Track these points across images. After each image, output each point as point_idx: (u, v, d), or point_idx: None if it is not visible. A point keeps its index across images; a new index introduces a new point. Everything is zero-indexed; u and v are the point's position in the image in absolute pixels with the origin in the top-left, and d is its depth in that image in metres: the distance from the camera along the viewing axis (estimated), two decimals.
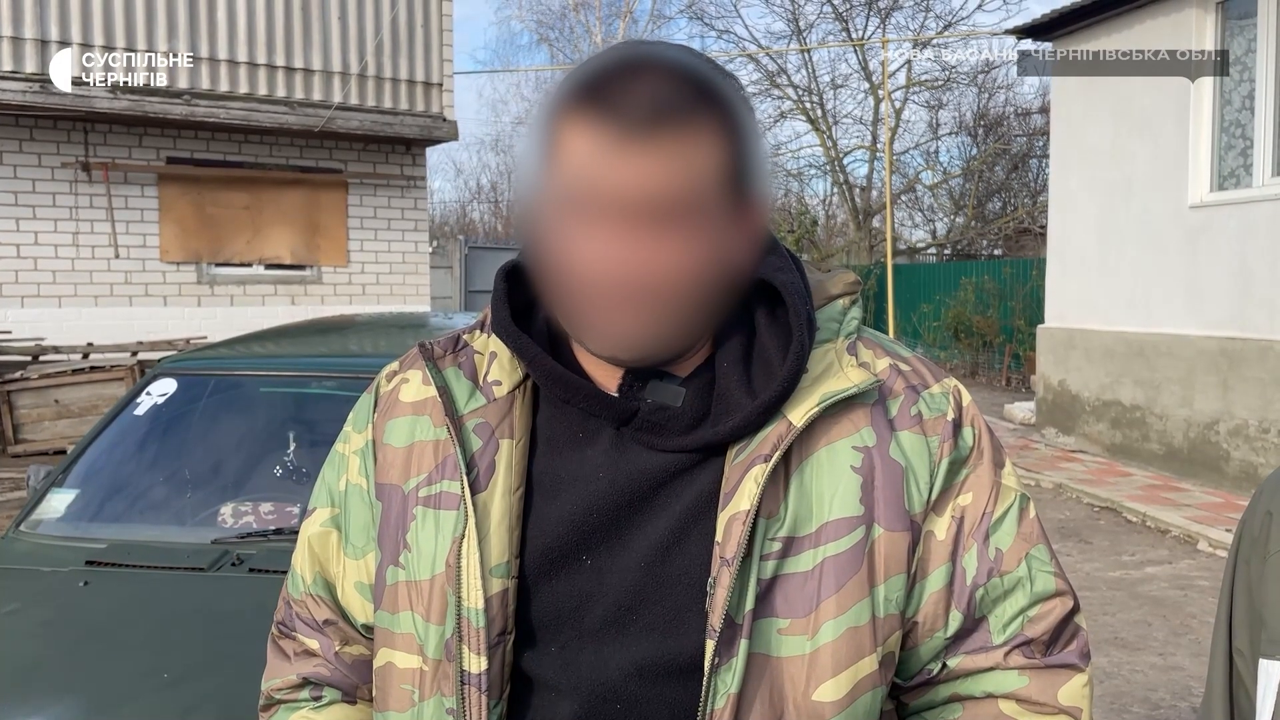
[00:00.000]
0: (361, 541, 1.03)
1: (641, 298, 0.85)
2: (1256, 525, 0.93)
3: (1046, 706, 0.95)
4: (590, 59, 0.88)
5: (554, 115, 0.86)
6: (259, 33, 9.58)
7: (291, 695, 1.07)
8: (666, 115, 0.82)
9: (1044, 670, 0.96)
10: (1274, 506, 0.92)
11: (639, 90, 0.83)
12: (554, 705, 0.93)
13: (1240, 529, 0.96)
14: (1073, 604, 0.98)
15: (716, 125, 0.85)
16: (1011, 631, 0.95)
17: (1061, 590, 0.97)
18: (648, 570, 0.91)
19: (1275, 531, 0.90)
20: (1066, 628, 0.97)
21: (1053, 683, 0.95)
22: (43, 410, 7.97)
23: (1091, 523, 6.90)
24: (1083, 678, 0.96)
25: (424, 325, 4.26)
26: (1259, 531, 0.92)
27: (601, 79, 0.84)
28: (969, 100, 22.78)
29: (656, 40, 1.07)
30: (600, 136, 0.83)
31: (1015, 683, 0.95)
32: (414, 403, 1.01)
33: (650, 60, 0.85)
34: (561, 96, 0.86)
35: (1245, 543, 0.94)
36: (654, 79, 0.83)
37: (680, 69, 0.85)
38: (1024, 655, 0.95)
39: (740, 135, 0.86)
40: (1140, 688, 4.17)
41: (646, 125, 0.82)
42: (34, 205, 9.17)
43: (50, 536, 2.71)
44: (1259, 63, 7.34)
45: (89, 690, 2.04)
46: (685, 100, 0.83)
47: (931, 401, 0.96)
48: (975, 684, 0.96)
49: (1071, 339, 9.28)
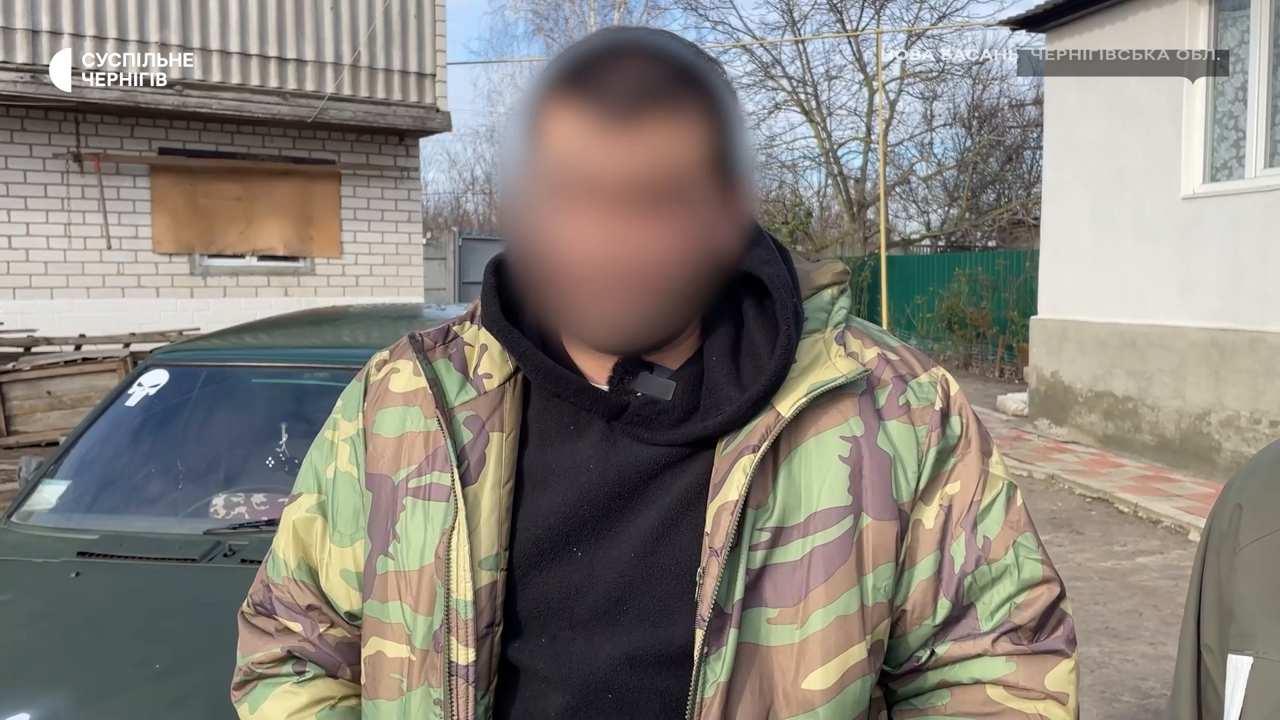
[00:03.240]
0: (350, 529, 1.03)
1: (628, 282, 0.85)
2: (1226, 518, 0.91)
3: (1033, 692, 0.96)
4: (572, 46, 0.88)
5: (537, 103, 0.86)
6: (251, 23, 9.54)
7: (274, 669, 1.07)
8: (650, 99, 0.82)
9: (1031, 656, 0.96)
10: (1244, 499, 0.90)
11: (622, 75, 0.82)
12: (545, 696, 0.93)
13: (1210, 522, 0.94)
14: (1059, 590, 0.98)
15: (700, 109, 0.84)
16: (999, 619, 0.96)
17: (1048, 577, 0.98)
18: (638, 561, 0.91)
19: (1245, 524, 0.89)
20: (1053, 614, 0.97)
21: (1040, 668, 0.96)
22: (35, 402, 7.95)
23: (1083, 513, 6.92)
24: (1069, 663, 0.97)
25: (417, 317, 4.25)
26: (1228, 524, 0.91)
27: (584, 65, 0.84)
28: (963, 92, 22.81)
29: (638, 26, 1.07)
30: (584, 122, 0.82)
31: (1002, 669, 0.96)
32: (404, 393, 1.01)
33: (632, 45, 0.85)
34: (544, 84, 0.86)
35: (1215, 536, 0.92)
36: (637, 63, 0.83)
37: (663, 53, 0.85)
38: (1011, 642, 0.96)
39: (724, 119, 0.86)
40: (1131, 677, 4.19)
41: (630, 109, 0.82)
42: (25, 196, 9.13)
43: (42, 528, 2.71)
44: (1251, 55, 7.34)
45: (80, 681, 2.04)
46: (668, 84, 0.83)
47: (919, 391, 0.97)
48: (963, 670, 0.97)
49: (1064, 330, 9.30)
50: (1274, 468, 0.91)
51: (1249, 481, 0.92)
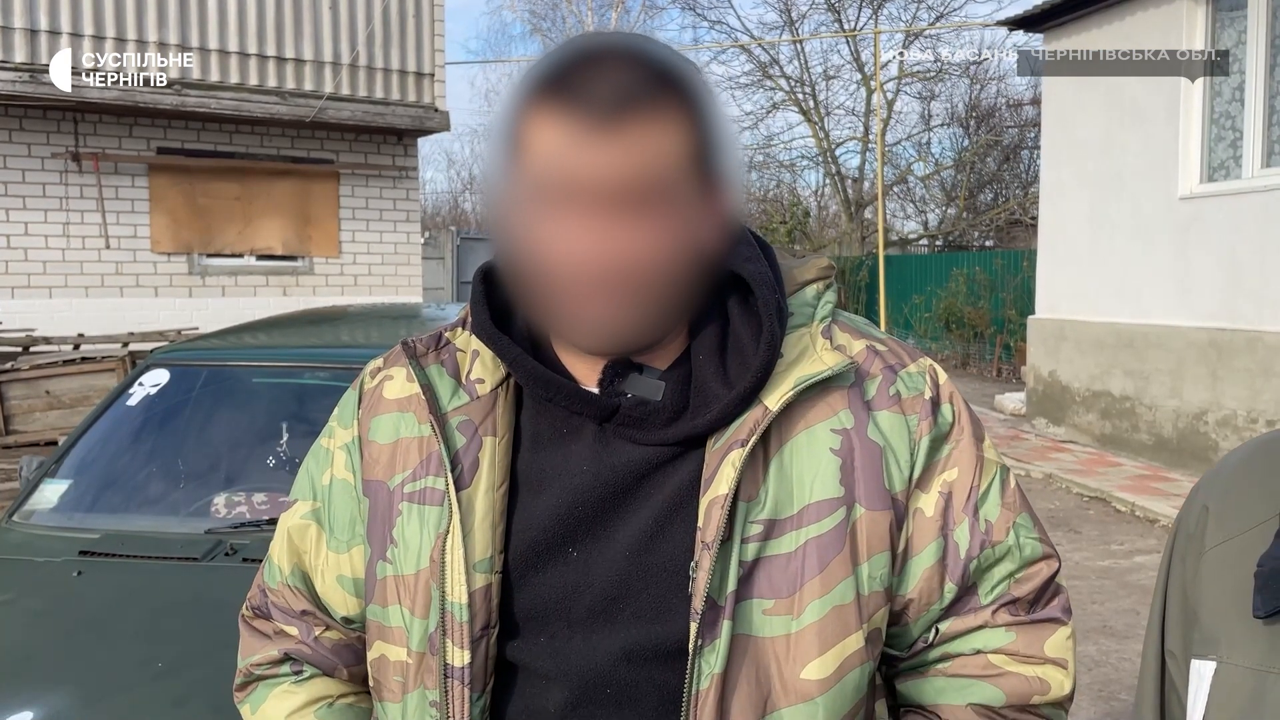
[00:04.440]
0: (347, 536, 1.04)
1: (617, 286, 0.86)
2: (1192, 521, 0.90)
3: (1034, 658, 0.98)
4: (549, 53, 0.89)
5: (519, 110, 0.87)
6: (250, 23, 9.53)
7: (272, 670, 1.09)
8: (631, 103, 0.83)
9: (1030, 625, 0.99)
10: (1211, 501, 0.89)
11: (603, 80, 0.83)
12: (545, 692, 0.95)
13: (1177, 524, 0.92)
14: (1057, 565, 1.01)
15: (681, 111, 0.86)
16: (999, 592, 0.98)
17: (1047, 554, 1.00)
18: (633, 559, 0.93)
19: (1212, 526, 0.87)
20: (1049, 587, 1.00)
21: (1039, 636, 0.99)
22: (34, 401, 7.94)
23: (1081, 512, 6.94)
24: (1066, 630, 1.00)
25: (416, 316, 4.26)
26: (1195, 527, 0.89)
27: (564, 71, 0.85)
28: (961, 91, 22.81)
29: (613, 31, 1.09)
30: (567, 127, 0.83)
31: (1003, 638, 0.98)
32: (398, 399, 1.02)
33: (611, 50, 0.86)
34: (525, 91, 0.87)
35: (1181, 538, 0.91)
36: (617, 68, 0.84)
37: (642, 57, 0.86)
38: (1010, 613, 0.98)
39: (704, 120, 0.87)
40: (1129, 675, 4.20)
41: (612, 113, 0.83)
42: (24, 196, 9.12)
43: (43, 527, 2.71)
44: (1249, 55, 7.35)
45: (82, 680, 2.05)
46: (649, 87, 0.84)
47: (909, 381, 0.98)
48: (965, 643, 0.99)
49: (1062, 330, 9.31)
50: (1241, 469, 0.90)
51: (1215, 483, 0.91)
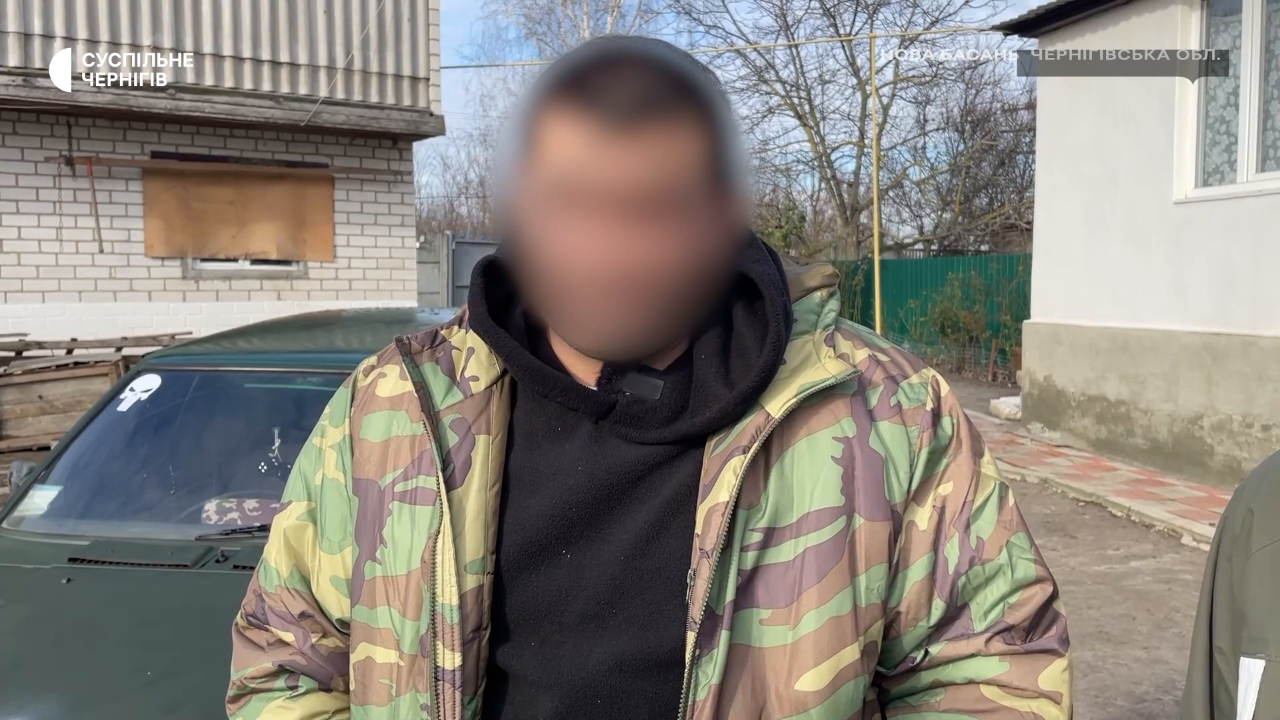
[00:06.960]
0: (338, 536, 1.03)
1: (626, 291, 0.85)
2: (1238, 522, 0.92)
3: (1027, 691, 0.96)
4: (569, 54, 0.89)
5: (535, 109, 0.86)
6: (244, 27, 9.52)
7: (266, 684, 1.06)
8: (649, 108, 0.83)
9: (1024, 656, 0.97)
10: (1256, 503, 0.91)
11: (621, 84, 0.83)
12: (533, 701, 0.93)
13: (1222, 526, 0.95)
14: (1052, 590, 0.99)
15: (697, 118, 0.85)
16: (992, 618, 0.96)
17: (1041, 577, 0.98)
18: (627, 563, 0.91)
19: (1257, 528, 0.90)
20: (1046, 613, 0.98)
21: (1033, 668, 0.97)
22: (26, 406, 7.91)
23: (1076, 517, 6.93)
24: (1062, 662, 0.98)
25: (410, 321, 4.24)
26: (1240, 529, 0.92)
27: (583, 73, 0.85)
28: (956, 96, 22.86)
29: (634, 35, 1.08)
30: (584, 130, 0.83)
31: (996, 668, 0.96)
32: (391, 398, 1.01)
33: (631, 54, 0.86)
34: (543, 91, 0.86)
35: (1227, 540, 0.93)
36: (636, 73, 0.84)
37: (661, 63, 0.86)
38: (1004, 641, 0.96)
39: (720, 129, 0.87)
40: (1124, 681, 4.19)
41: (630, 118, 0.82)
42: (17, 200, 9.09)
43: (33, 533, 2.69)
44: (1243, 59, 7.37)
45: (71, 687, 2.03)
46: (667, 94, 0.84)
47: (910, 391, 0.97)
48: (957, 670, 0.97)
49: (1057, 334, 9.32)
50: None
51: (1261, 486, 0.93)
